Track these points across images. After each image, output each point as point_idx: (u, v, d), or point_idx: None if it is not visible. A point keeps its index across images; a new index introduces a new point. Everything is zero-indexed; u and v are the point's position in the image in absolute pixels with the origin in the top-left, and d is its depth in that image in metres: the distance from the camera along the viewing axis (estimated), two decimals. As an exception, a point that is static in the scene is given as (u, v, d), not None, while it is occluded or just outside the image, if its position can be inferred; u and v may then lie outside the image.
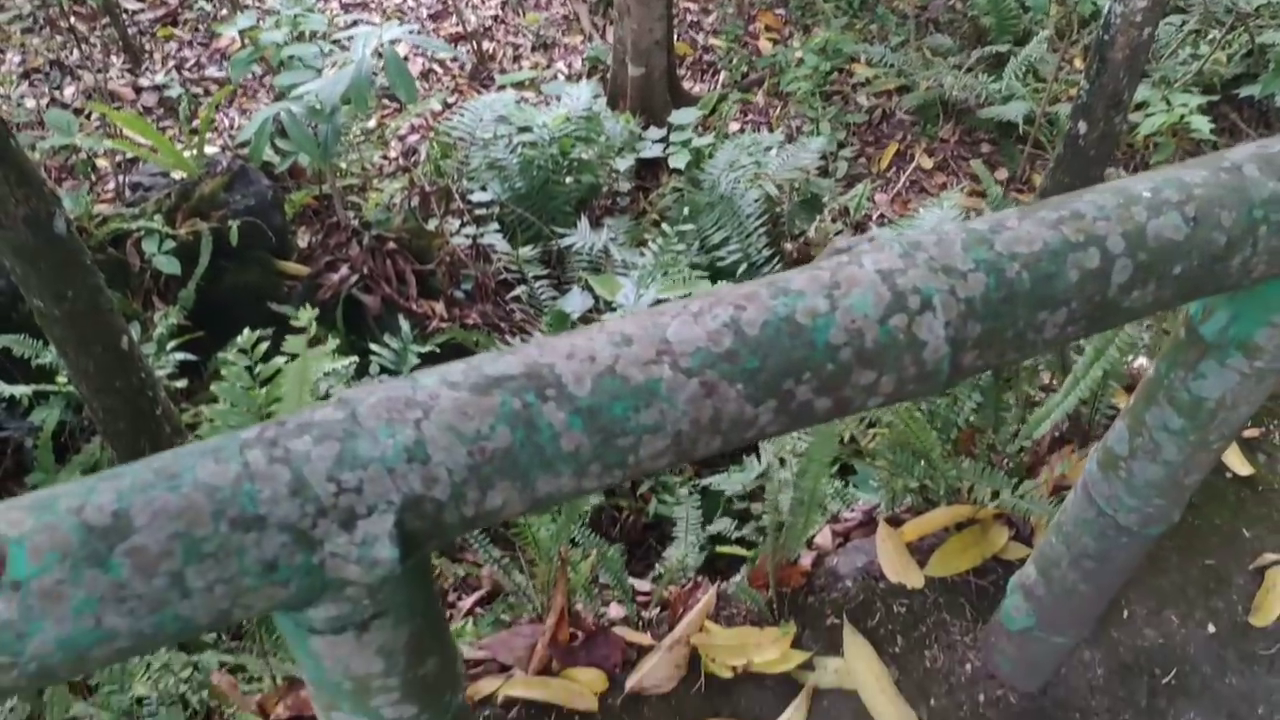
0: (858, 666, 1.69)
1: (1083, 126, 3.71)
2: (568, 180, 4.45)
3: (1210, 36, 4.95)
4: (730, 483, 2.65)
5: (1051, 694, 1.67)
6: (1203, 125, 4.20)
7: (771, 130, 5.01)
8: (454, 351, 3.89)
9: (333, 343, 3.31)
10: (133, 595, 0.65)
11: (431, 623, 0.88)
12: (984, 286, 0.84)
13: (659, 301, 3.53)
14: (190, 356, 3.26)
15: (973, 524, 1.87)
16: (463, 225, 4.29)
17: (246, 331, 2.19)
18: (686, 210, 3.99)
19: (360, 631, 0.80)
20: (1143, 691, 1.68)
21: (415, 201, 4.32)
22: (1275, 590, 1.82)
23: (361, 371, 3.51)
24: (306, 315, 2.06)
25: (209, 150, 4.23)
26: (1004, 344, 0.87)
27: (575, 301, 3.67)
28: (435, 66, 5.39)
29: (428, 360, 3.68)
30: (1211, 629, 1.77)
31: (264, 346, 2.28)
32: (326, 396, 2.61)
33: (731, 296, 0.82)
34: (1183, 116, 4.22)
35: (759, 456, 2.66)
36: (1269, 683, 1.71)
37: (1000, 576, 1.82)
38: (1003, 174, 4.87)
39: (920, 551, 1.85)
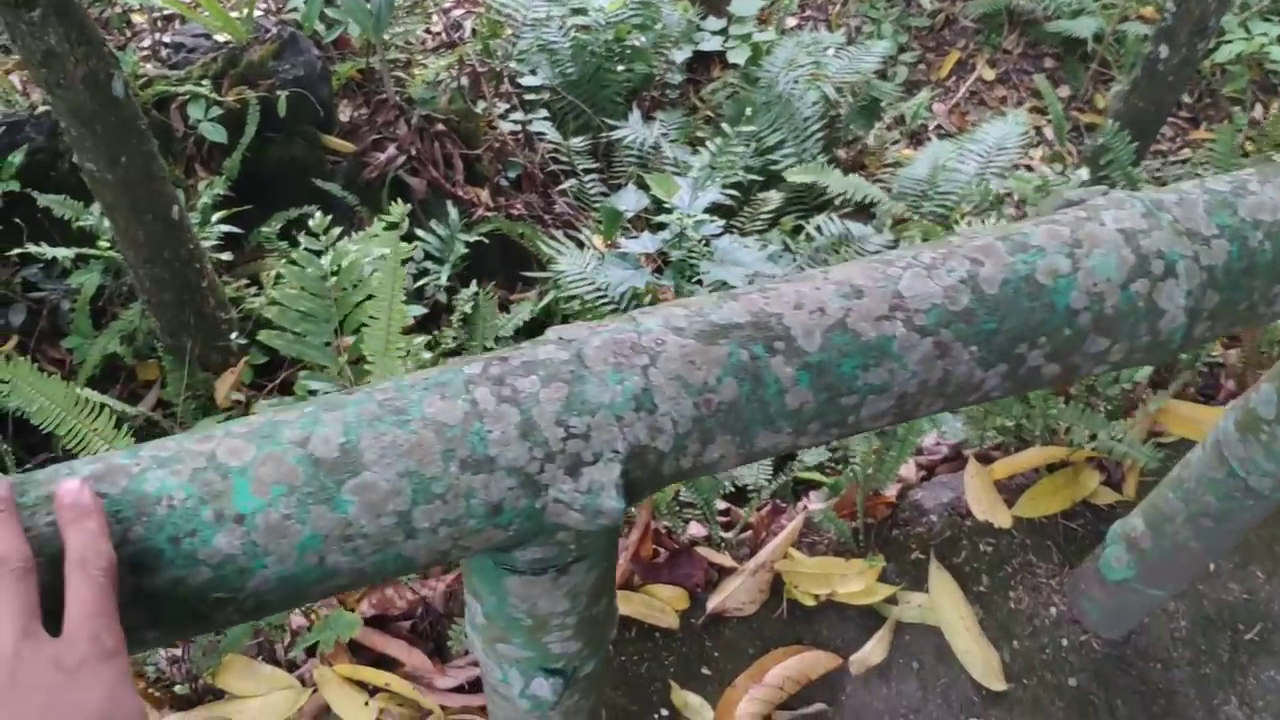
0: (942, 603, 1.68)
1: (1164, 50, 3.57)
2: (620, 69, 4.31)
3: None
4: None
5: (1134, 643, 1.67)
6: (1282, 54, 4.06)
7: (831, 29, 4.84)
8: (499, 242, 3.82)
9: (379, 225, 3.24)
10: (359, 534, 0.62)
11: (613, 565, 0.85)
12: (1227, 255, 0.79)
13: (714, 206, 3.46)
14: (234, 229, 3.20)
15: (1064, 466, 1.84)
16: (510, 110, 4.17)
17: (319, 215, 2.13)
18: (747, 110, 3.87)
19: (559, 574, 0.77)
20: (1225, 645, 1.68)
21: (464, 81, 4.19)
22: (1368, 549, 1.80)
23: (400, 244, 3.44)
24: (399, 210, 2.00)
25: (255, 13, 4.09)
26: (1235, 315, 0.82)
27: (630, 199, 3.58)
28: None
29: (475, 249, 3.62)
30: (1299, 586, 1.76)
31: (334, 230, 2.23)
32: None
33: (966, 249, 0.77)
34: (1262, 45, 4.07)
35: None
36: (1355, 643, 1.71)
37: (1089, 521, 1.80)
38: (1065, 91, 4.72)
39: (1008, 491, 1.83)
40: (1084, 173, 3.88)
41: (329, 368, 2.28)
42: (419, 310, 3.43)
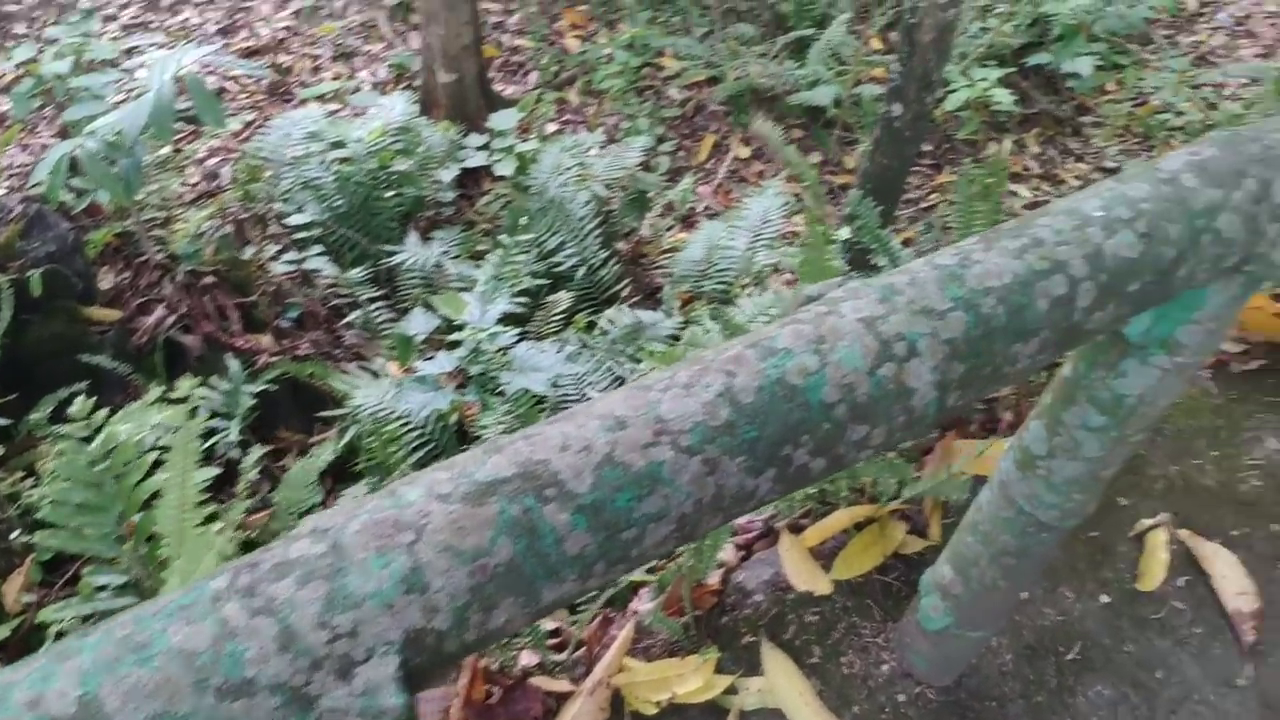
0: (779, 683, 1.67)
1: (897, 108, 3.82)
2: (389, 195, 4.28)
3: (997, 9, 5.20)
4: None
5: (966, 685, 1.70)
6: (1004, 97, 4.41)
7: (590, 130, 4.97)
8: (289, 386, 3.69)
9: (156, 390, 3.07)
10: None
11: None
12: (964, 325, 0.82)
13: (506, 315, 3.45)
14: (1, 420, 2.97)
15: (870, 523, 1.89)
16: (282, 251, 4.06)
17: (81, 400, 1.99)
18: (521, 219, 3.91)
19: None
20: (1051, 671, 1.74)
21: (227, 230, 4.07)
22: (1156, 555, 1.91)
23: (190, 416, 3.27)
24: (188, 384, 1.89)
25: (-10, 193, 3.86)
26: (984, 380, 0.85)
27: (419, 322, 3.53)
28: (230, 85, 5.09)
29: (264, 399, 3.49)
30: (1105, 599, 1.85)
31: (98, 411, 2.09)
32: (162, 454, 2.40)
33: (719, 362, 0.77)
34: (984, 90, 4.42)
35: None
36: (1162, 645, 1.80)
37: (902, 573, 1.84)
38: (816, 157, 4.99)
39: (824, 556, 1.85)
40: (845, 232, 4.10)
41: (117, 559, 2.12)
42: (213, 472, 3.26)
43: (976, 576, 1.48)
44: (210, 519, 2.09)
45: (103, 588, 2.09)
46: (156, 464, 2.18)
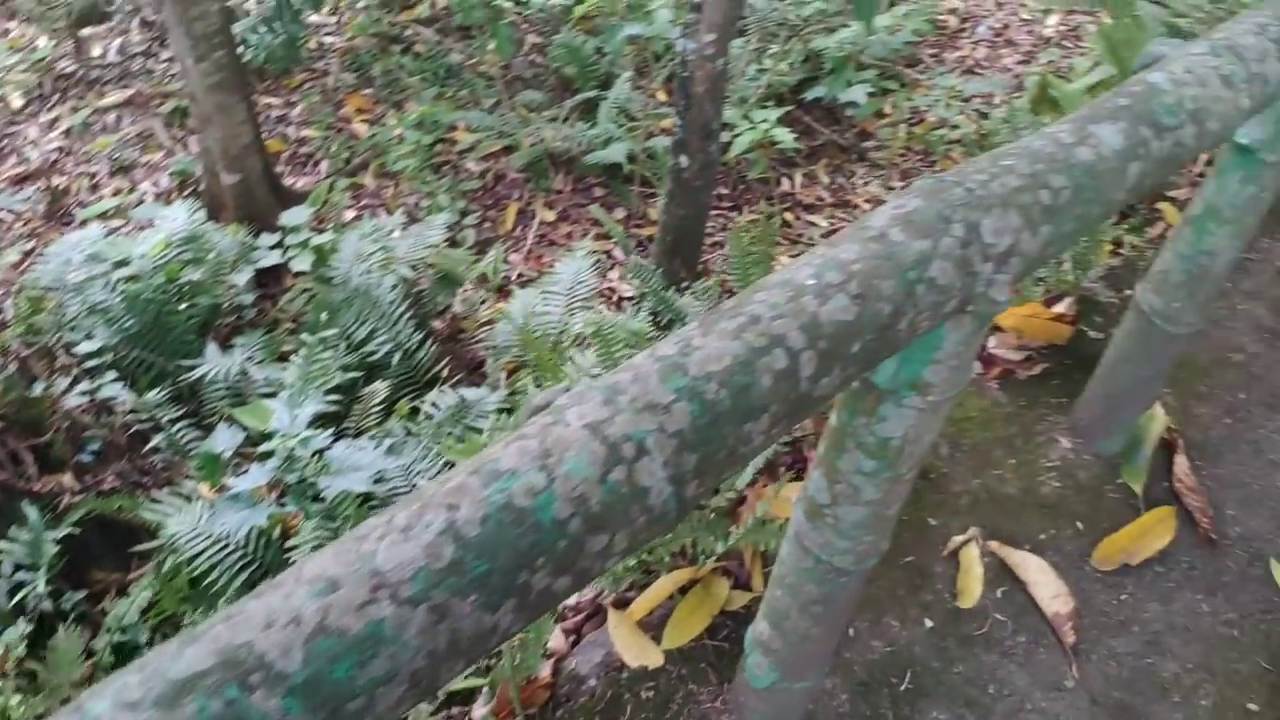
0: (624, 769, 1.63)
1: (684, 160, 3.90)
2: (183, 308, 4.10)
3: (770, 50, 5.39)
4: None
5: (808, 733, 1.70)
6: (786, 136, 4.56)
7: (390, 212, 4.89)
8: (97, 525, 3.47)
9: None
10: None
11: None
12: (689, 415, 0.81)
13: (320, 416, 3.34)
14: None
15: (695, 584, 1.87)
16: (74, 382, 3.83)
17: None
18: (324, 315, 3.80)
19: None
20: (886, 704, 1.75)
21: (11, 369, 3.82)
22: (971, 570, 1.96)
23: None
24: None
25: None
26: (720, 464, 0.84)
27: (224, 438, 3.37)
28: (3, 215, 4.81)
29: (70, 542, 3.27)
30: (929, 623, 1.88)
31: None
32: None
33: (439, 496, 0.74)
34: (766, 131, 4.56)
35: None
36: (990, 659, 1.84)
37: (732, 630, 1.84)
38: (620, 213, 5.04)
39: (653, 626, 1.83)
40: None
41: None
42: (23, 629, 3.04)
43: (790, 629, 1.48)
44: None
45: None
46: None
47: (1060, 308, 2.62)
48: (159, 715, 0.61)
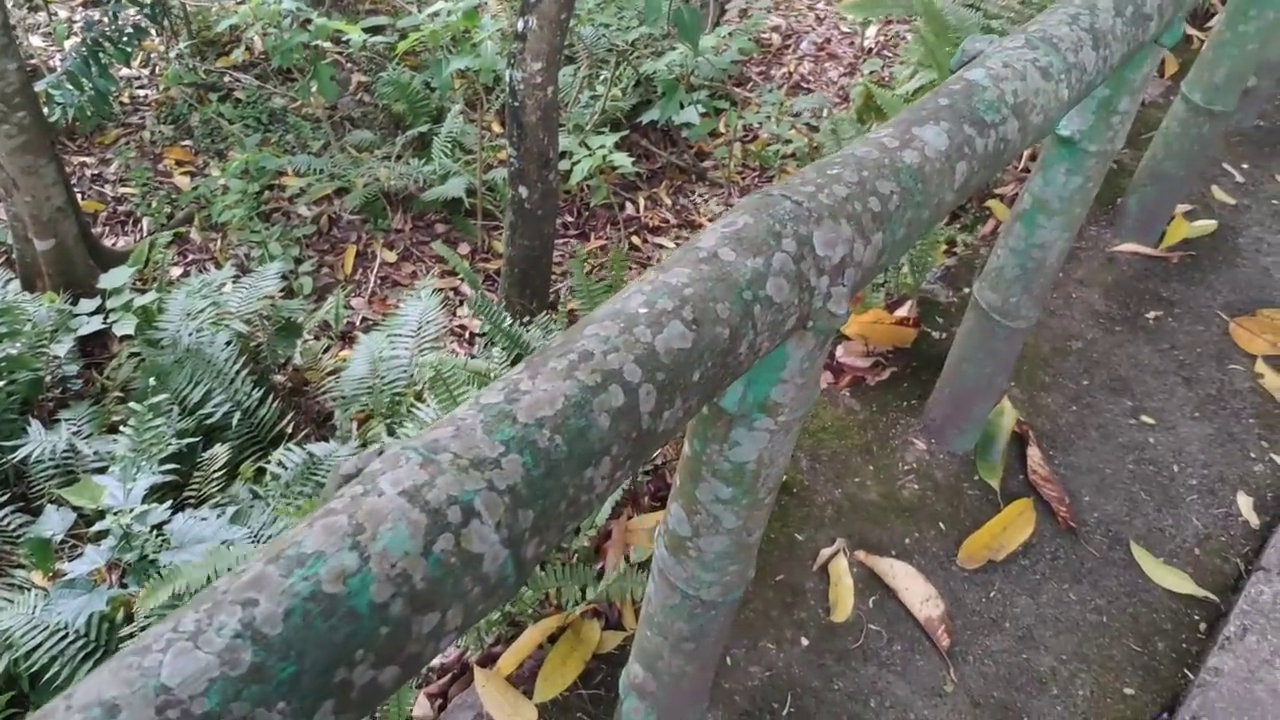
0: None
1: (523, 191, 3.83)
2: (1, 384, 3.81)
3: (602, 77, 5.38)
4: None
5: (693, 772, 1.64)
6: (624, 161, 4.54)
7: (219, 266, 4.67)
8: (-88, 633, 3.17)
9: None
10: None
11: None
12: (522, 468, 0.74)
13: (157, 488, 3.14)
14: None
15: (564, 630, 1.80)
16: (-124, 475, 3.51)
17: None
18: (152, 380, 3.58)
19: None
20: (769, 731, 1.71)
21: None
22: (841, 583, 1.94)
23: None
24: None
25: None
26: (561, 517, 0.78)
27: (53, 521, 3.13)
28: None
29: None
30: (805, 642, 1.85)
31: None
32: None
33: (233, 592, 0.65)
34: (605, 157, 4.54)
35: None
36: (868, 672, 1.82)
37: (607, 673, 1.77)
38: (465, 249, 4.94)
39: (524, 680, 1.75)
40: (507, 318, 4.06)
41: None
42: None
43: (664, 669, 1.43)
44: None
45: None
46: None
47: (902, 311, 2.66)
48: None
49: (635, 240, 4.98)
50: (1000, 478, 2.19)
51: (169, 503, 3.14)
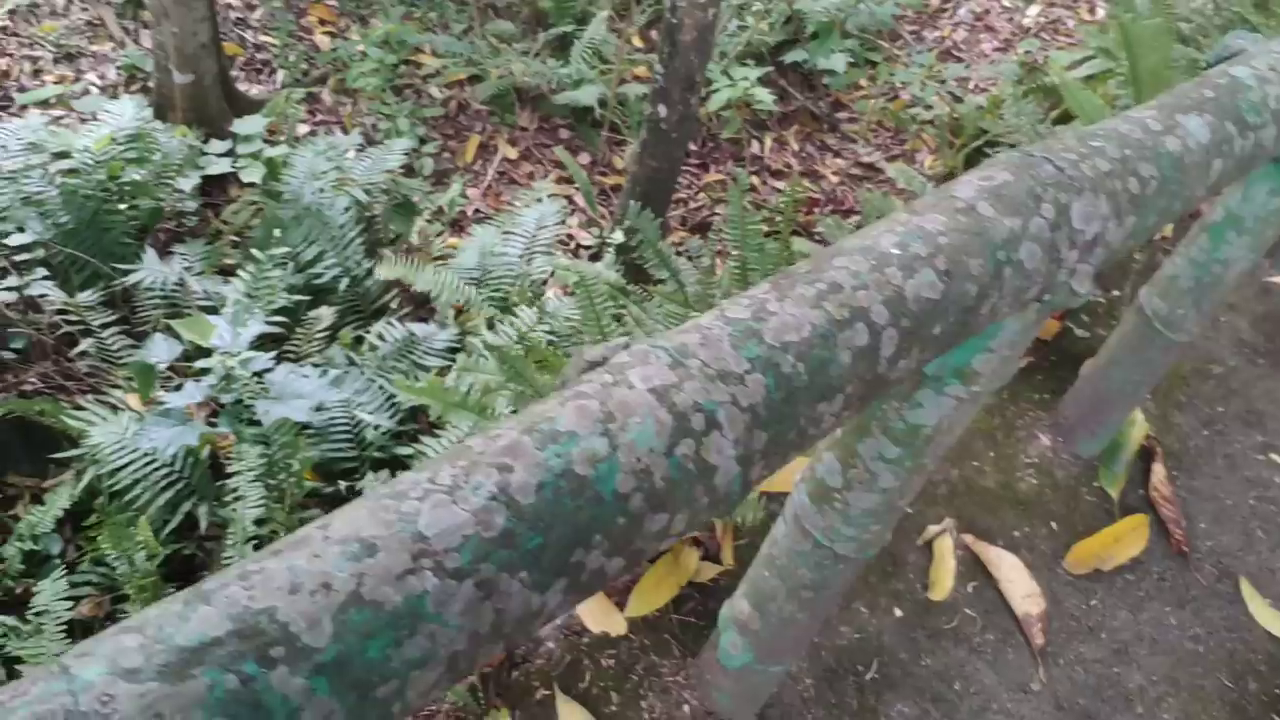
0: (579, 738, 1.56)
1: (662, 110, 3.78)
2: (123, 208, 3.88)
3: (754, 8, 5.26)
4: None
5: (768, 717, 1.65)
6: (765, 97, 4.46)
7: (346, 131, 4.69)
8: (15, 427, 3.28)
9: None
10: None
11: None
12: (764, 389, 0.72)
13: (272, 338, 3.20)
14: None
15: (662, 553, 1.80)
16: (2, 275, 3.61)
17: None
18: (276, 231, 3.62)
19: None
20: (852, 693, 1.70)
21: (-69, 257, 3.58)
22: (944, 563, 1.92)
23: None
24: None
25: None
26: (787, 446, 0.76)
27: (160, 350, 3.19)
28: (-71, 89, 4.51)
29: (-18, 445, 3.08)
30: (898, 613, 1.84)
31: None
32: None
33: (490, 454, 0.64)
34: (746, 89, 4.45)
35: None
36: (958, 655, 1.80)
37: (698, 603, 1.77)
38: (585, 158, 4.90)
39: (617, 593, 1.75)
40: (619, 235, 4.04)
41: None
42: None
43: (774, 611, 1.42)
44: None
45: None
46: None
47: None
48: (162, 689, 0.51)
49: (755, 179, 4.90)
50: (1120, 488, 2.14)
51: (272, 353, 3.20)
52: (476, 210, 4.65)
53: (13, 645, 2.45)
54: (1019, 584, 1.91)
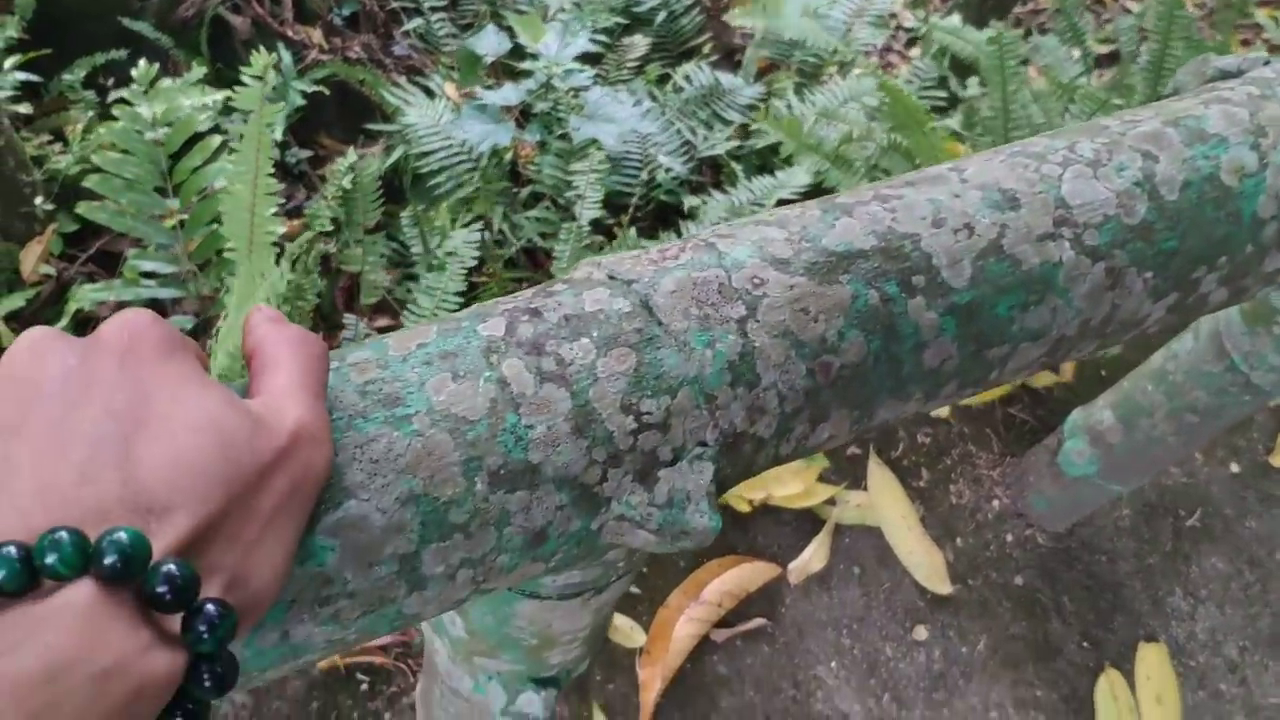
0: (882, 502, 1.55)
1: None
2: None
3: None
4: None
5: (1079, 534, 1.59)
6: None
7: None
8: (335, 89, 3.42)
9: (198, 70, 2.81)
10: (343, 593, 0.39)
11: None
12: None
13: (588, 56, 3.18)
14: (32, 77, 2.73)
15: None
16: (343, -61, 3.69)
17: (143, 63, 1.78)
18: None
19: (594, 595, 0.56)
20: (1168, 534, 1.62)
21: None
22: (1297, 431, 1.77)
23: (228, 110, 3.01)
24: (262, 61, 1.66)
25: None
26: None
27: (490, 42, 3.23)
28: None
29: (308, 100, 3.22)
30: (1234, 469, 1.72)
31: (160, 80, 1.88)
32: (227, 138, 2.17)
33: (1130, 137, 0.57)
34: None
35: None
36: (1286, 526, 1.68)
37: (1027, 406, 1.70)
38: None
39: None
40: (956, 19, 3.75)
41: (170, 247, 1.95)
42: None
43: (1145, 428, 1.33)
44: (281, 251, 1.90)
45: (149, 275, 1.93)
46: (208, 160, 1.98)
47: None
48: (809, 284, 0.48)
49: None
50: None
51: (590, 71, 3.18)
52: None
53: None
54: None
